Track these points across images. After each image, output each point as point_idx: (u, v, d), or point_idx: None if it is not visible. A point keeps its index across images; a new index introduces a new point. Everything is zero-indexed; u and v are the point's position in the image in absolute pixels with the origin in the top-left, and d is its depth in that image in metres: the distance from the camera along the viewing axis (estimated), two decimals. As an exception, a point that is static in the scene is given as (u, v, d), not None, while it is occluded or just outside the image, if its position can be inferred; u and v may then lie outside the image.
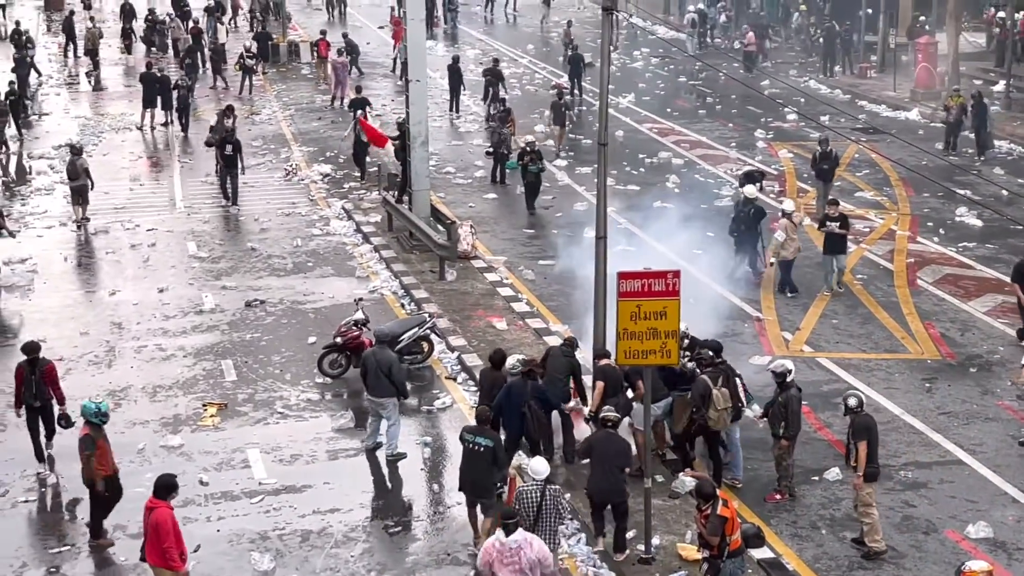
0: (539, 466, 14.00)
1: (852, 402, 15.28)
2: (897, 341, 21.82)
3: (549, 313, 23.07)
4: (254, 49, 45.59)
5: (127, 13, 52.55)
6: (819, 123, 33.15)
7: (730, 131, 37.60)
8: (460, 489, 15.43)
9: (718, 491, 13.74)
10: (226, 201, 30.18)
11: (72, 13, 52.57)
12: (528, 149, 29.11)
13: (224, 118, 32.67)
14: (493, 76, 38.53)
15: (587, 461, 15.45)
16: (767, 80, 41.99)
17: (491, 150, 32.60)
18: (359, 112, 33.93)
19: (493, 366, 17.32)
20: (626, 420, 16.45)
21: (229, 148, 30.01)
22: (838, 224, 23.52)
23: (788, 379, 16.22)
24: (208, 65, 45.47)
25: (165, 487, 13.70)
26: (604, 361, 16.66)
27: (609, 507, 15.10)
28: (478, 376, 18.91)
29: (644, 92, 43.17)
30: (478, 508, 15.34)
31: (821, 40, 46.65)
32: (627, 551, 15.08)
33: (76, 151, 29.10)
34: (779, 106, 38.23)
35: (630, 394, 16.71)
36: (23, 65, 41.50)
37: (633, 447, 15.99)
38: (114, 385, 20.33)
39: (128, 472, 17.35)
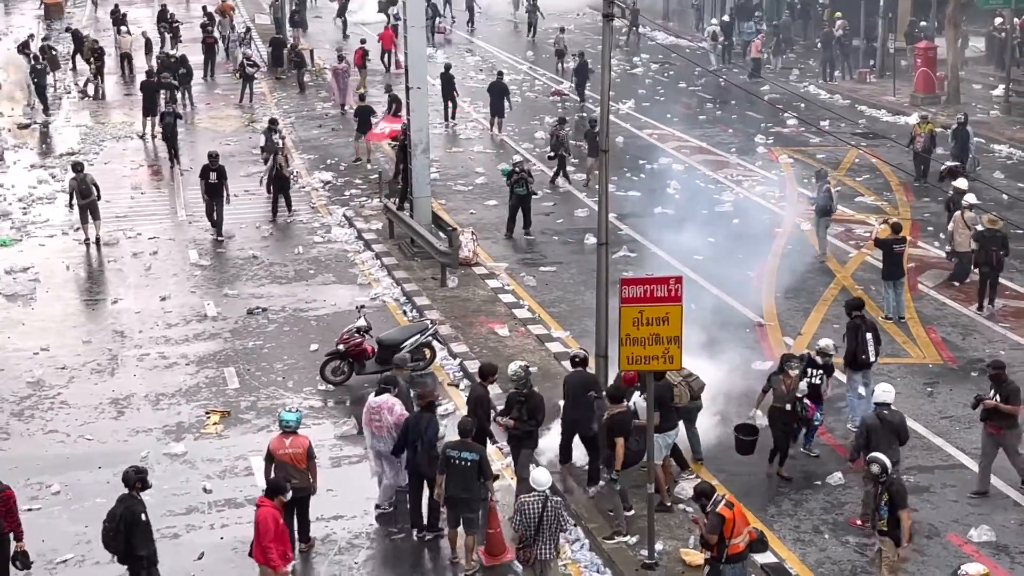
0: (541, 477, 14.00)
1: (875, 469, 14.10)
2: (898, 345, 21.84)
3: (551, 319, 23.10)
4: (256, 57, 45.65)
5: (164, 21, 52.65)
6: (819, 128, 33.19)
7: (730, 136, 37.66)
8: (443, 505, 15.30)
9: (726, 494, 13.81)
10: (213, 231, 28.42)
11: (76, 33, 51.55)
12: (517, 169, 27.87)
13: (271, 133, 32.31)
14: (498, 90, 38.10)
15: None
16: (767, 85, 42.04)
17: (552, 154, 32.28)
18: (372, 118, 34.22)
19: (482, 379, 17.08)
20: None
21: (213, 176, 27.94)
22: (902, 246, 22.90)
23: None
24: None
25: (274, 488, 13.77)
26: (621, 407, 15.79)
27: (578, 437, 16.47)
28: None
29: (644, 98, 43.23)
30: (460, 526, 15.23)
31: (819, 45, 46.66)
32: (600, 483, 15.80)
33: (78, 168, 28.34)
34: (779, 111, 38.29)
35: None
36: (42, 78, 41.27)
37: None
38: (117, 393, 20.36)
39: (132, 480, 17.42)
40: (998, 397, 16.39)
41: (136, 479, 14.16)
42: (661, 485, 16.20)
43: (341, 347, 20.56)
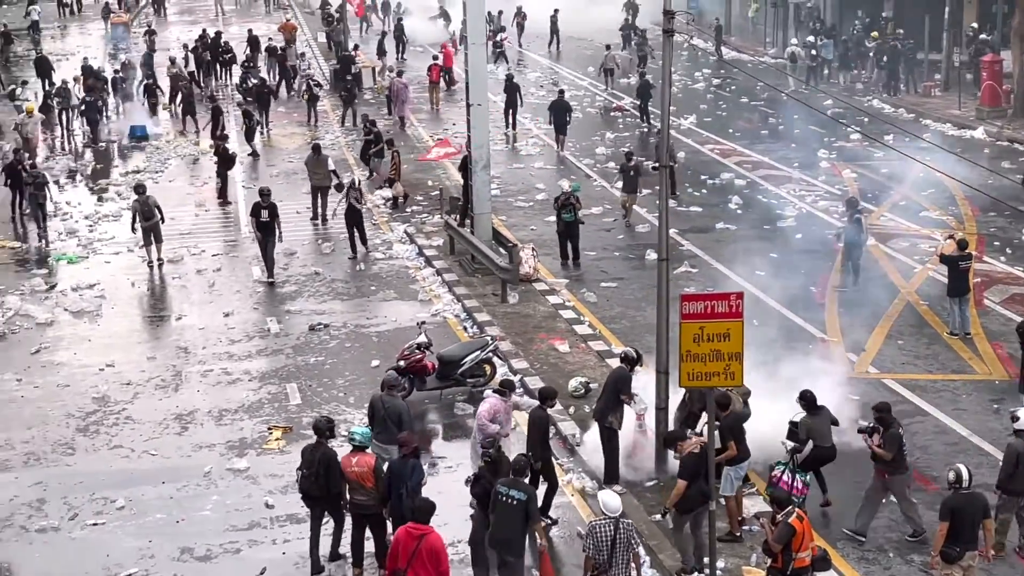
0: (612, 502, 13.78)
1: (951, 476, 14.29)
2: (964, 362, 21.56)
3: (611, 335, 23.03)
4: (319, 77, 45.87)
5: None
6: (883, 142, 32.90)
7: (793, 151, 37.42)
8: (489, 545, 14.62)
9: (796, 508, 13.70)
10: (262, 274, 27.10)
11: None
12: (564, 196, 27.16)
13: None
14: (560, 108, 37.98)
15: None
16: (830, 100, 41.75)
17: (655, 165, 31.92)
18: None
19: (541, 402, 16.79)
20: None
21: (265, 214, 26.47)
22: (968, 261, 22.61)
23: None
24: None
25: (427, 512, 13.53)
26: (693, 444, 15.28)
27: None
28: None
29: (706, 113, 43.08)
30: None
31: (885, 59, 46.25)
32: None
33: (140, 190, 28.28)
34: (843, 126, 37.99)
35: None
36: (93, 108, 40.39)
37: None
38: (181, 409, 20.54)
39: (195, 495, 17.60)
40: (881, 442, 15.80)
41: (327, 427, 15.58)
42: (733, 517, 16.03)
43: (402, 363, 20.59)
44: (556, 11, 57.50)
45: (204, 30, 54.04)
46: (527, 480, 14.74)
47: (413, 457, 15.09)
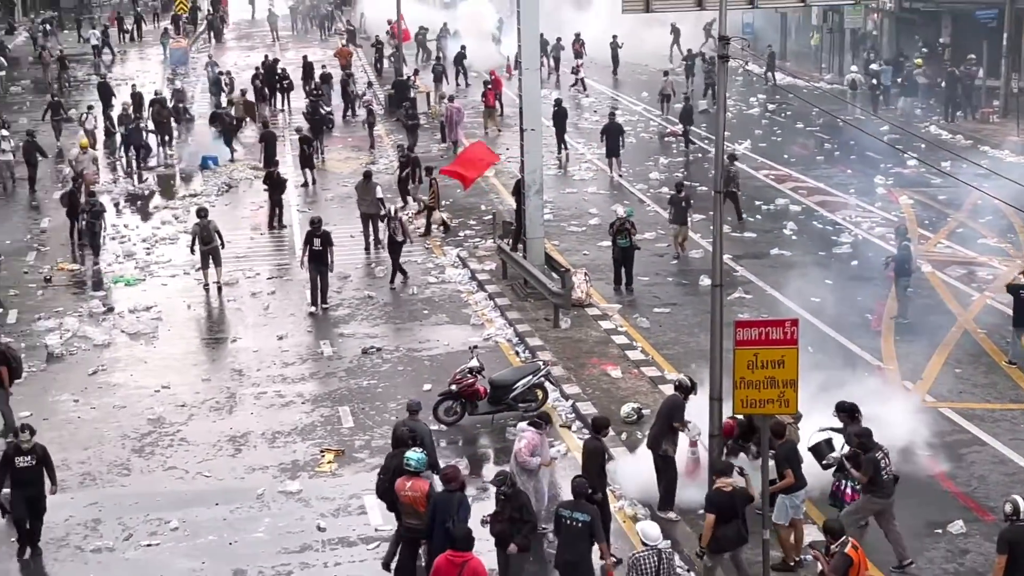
0: (651, 531, 13.72)
1: (1007, 508, 14.05)
2: (1023, 391, 21.27)
3: (664, 361, 22.92)
4: (374, 101, 45.99)
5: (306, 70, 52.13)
6: (940, 169, 32.62)
7: (849, 177, 37.17)
8: (556, 568, 14.80)
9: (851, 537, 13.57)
10: (312, 306, 26.72)
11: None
12: (619, 222, 26.97)
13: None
14: (613, 131, 37.92)
15: None
16: (887, 126, 41.46)
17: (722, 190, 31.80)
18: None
19: (595, 432, 16.75)
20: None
21: (317, 242, 26.21)
22: None
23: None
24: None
25: (469, 540, 13.56)
26: (726, 483, 15.08)
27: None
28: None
29: (761, 138, 42.93)
30: None
31: (942, 85, 45.91)
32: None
33: (202, 213, 28.46)
34: (899, 152, 37.71)
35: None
36: (138, 134, 40.34)
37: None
38: (235, 431, 20.65)
39: (247, 517, 17.67)
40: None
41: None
42: (787, 547, 15.89)
43: (454, 387, 20.62)
44: (615, 37, 56.87)
45: (266, 56, 54.66)
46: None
47: (459, 491, 15.02)
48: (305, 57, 53.94)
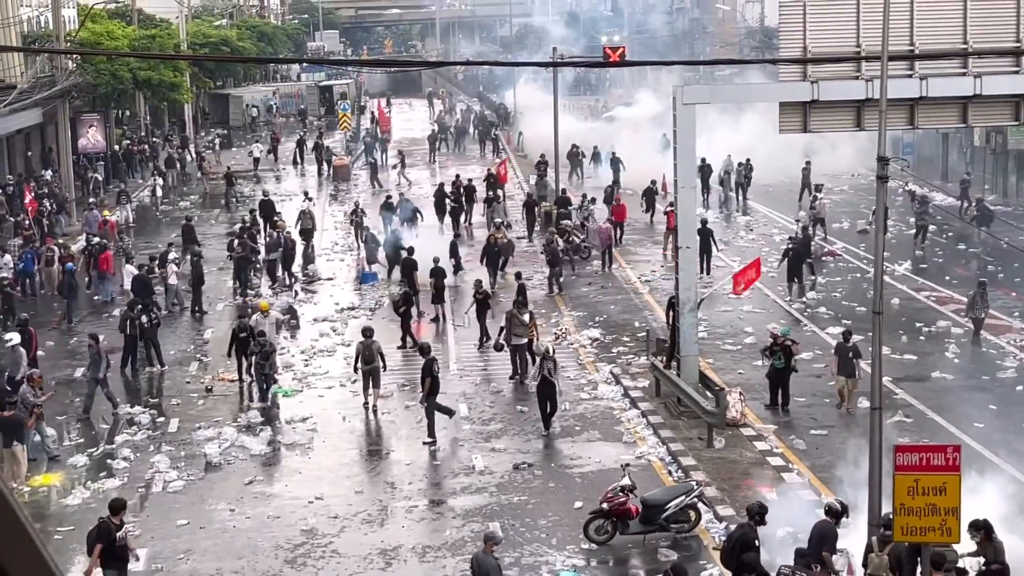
0: None
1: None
2: None
3: (821, 484, 22.40)
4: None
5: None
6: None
7: (1013, 300, 36.21)
8: None
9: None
10: (448, 417, 26.46)
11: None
12: (775, 342, 26.74)
13: (530, 316, 30.84)
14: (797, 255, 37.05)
15: None
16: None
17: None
18: None
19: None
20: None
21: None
22: None
23: None
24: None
25: None
26: None
27: None
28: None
29: (921, 259, 42.16)
30: None
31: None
32: None
33: (367, 333, 28.36)
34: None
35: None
36: (245, 260, 39.63)
37: None
38: (385, 544, 20.73)
39: (396, 631, 17.63)
40: None
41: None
42: None
43: (605, 505, 20.43)
44: (808, 163, 53.04)
45: (457, 175, 53.21)
46: None
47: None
48: (469, 180, 52.73)
